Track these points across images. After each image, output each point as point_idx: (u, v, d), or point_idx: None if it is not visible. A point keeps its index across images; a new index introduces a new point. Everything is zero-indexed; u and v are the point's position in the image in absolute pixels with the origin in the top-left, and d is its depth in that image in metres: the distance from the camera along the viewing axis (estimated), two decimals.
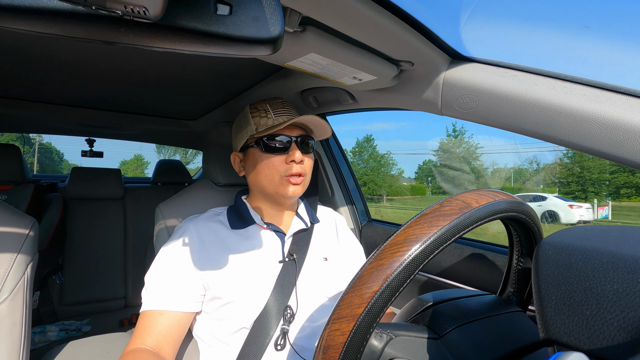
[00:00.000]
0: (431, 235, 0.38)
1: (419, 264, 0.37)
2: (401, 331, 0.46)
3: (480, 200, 0.42)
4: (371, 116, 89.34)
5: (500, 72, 0.68)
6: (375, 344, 0.44)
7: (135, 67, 1.12)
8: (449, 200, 0.42)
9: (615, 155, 0.56)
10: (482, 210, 0.41)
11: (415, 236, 0.38)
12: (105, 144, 25.68)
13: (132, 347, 0.73)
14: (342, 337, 0.37)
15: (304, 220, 0.94)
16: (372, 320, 0.37)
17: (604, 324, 0.32)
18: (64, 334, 1.81)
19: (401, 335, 0.45)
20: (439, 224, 0.39)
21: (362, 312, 0.37)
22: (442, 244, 0.39)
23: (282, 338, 0.78)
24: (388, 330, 0.45)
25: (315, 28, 0.64)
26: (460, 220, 0.39)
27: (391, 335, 0.45)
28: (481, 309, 0.54)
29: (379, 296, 0.37)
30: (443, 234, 0.38)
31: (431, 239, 0.38)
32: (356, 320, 0.37)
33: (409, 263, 0.37)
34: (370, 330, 0.37)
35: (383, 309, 0.37)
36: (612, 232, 0.39)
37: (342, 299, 0.39)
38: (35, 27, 0.31)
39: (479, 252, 1.01)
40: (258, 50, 0.38)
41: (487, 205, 0.42)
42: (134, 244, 2.27)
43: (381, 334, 0.44)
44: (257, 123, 0.85)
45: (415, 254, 0.37)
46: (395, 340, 0.44)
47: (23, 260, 0.79)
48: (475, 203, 0.42)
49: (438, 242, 0.38)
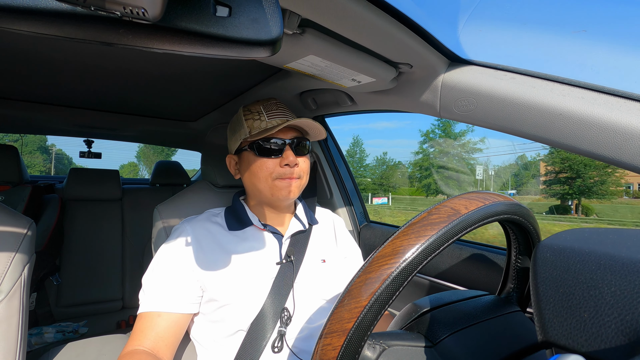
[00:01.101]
0: (419, 247, 0.38)
1: (408, 276, 0.37)
2: (394, 341, 0.46)
3: (470, 206, 0.42)
4: (374, 115, 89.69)
5: (498, 75, 0.68)
6: (369, 355, 0.43)
7: (134, 68, 1.12)
8: (437, 208, 0.42)
9: (613, 158, 0.56)
10: (472, 216, 0.41)
11: (403, 247, 0.38)
12: (106, 145, 25.60)
13: (129, 349, 0.73)
14: (334, 352, 0.37)
15: (302, 222, 0.94)
16: (362, 333, 0.37)
17: (602, 326, 0.32)
18: (60, 336, 1.80)
19: (394, 345, 0.45)
20: (426, 234, 0.39)
21: (352, 326, 0.37)
22: (431, 254, 0.38)
23: (279, 340, 0.78)
24: (381, 341, 0.45)
25: (314, 30, 0.64)
26: (449, 229, 0.39)
27: (384, 346, 0.44)
28: (478, 312, 0.54)
29: (368, 310, 0.37)
30: (431, 244, 0.38)
31: (419, 250, 0.38)
32: (347, 335, 0.37)
33: (397, 275, 0.37)
34: (361, 344, 0.38)
35: (373, 322, 0.37)
36: (610, 235, 0.39)
37: (333, 314, 0.39)
38: (33, 28, 0.31)
39: (478, 253, 1.01)
40: (257, 52, 0.38)
41: (477, 211, 0.42)
42: (132, 245, 2.26)
43: (374, 344, 0.44)
44: (250, 126, 0.84)
45: (403, 266, 0.37)
46: (388, 351, 0.44)
47: (20, 261, 0.79)
48: (464, 209, 0.41)
49: (426, 253, 0.38)
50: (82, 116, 1.71)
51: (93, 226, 2.16)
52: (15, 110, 1.56)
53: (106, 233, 2.19)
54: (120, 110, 1.73)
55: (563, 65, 0.63)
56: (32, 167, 43.44)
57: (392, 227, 1.41)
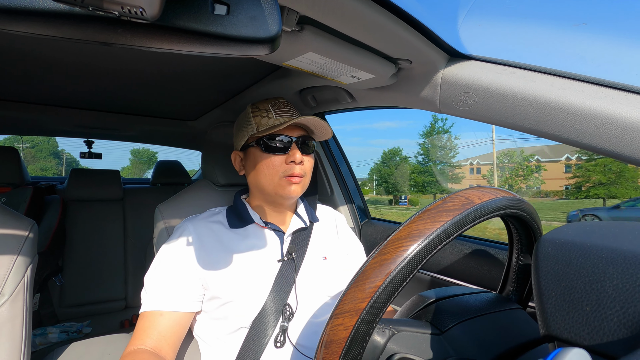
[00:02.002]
0: (434, 231, 0.38)
1: (422, 259, 0.37)
2: (403, 327, 0.46)
3: (483, 197, 0.42)
4: (377, 114, 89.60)
5: (498, 70, 0.68)
6: (378, 339, 0.44)
7: (133, 67, 1.12)
8: (452, 197, 0.42)
9: (614, 151, 0.56)
10: (485, 207, 0.41)
11: (419, 231, 0.38)
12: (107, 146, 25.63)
13: (132, 348, 0.73)
14: (345, 332, 0.37)
15: (303, 220, 0.94)
16: (375, 315, 0.37)
17: (604, 319, 0.32)
18: (64, 336, 1.81)
19: (403, 331, 0.45)
20: (441, 220, 0.39)
21: (366, 306, 0.37)
22: (445, 240, 0.39)
23: (281, 335, 0.78)
24: (390, 326, 0.45)
25: (313, 27, 0.64)
26: (463, 216, 0.40)
27: (394, 330, 0.45)
28: (482, 305, 0.54)
29: (382, 291, 0.37)
30: (446, 230, 0.38)
31: (434, 234, 0.38)
32: (359, 315, 0.37)
33: (412, 258, 0.37)
34: (373, 325, 0.37)
35: (386, 303, 0.37)
36: (612, 228, 0.39)
37: (346, 294, 0.39)
38: (32, 29, 0.31)
39: (480, 249, 1.01)
40: (256, 49, 0.38)
41: (489, 202, 0.42)
42: (134, 245, 2.27)
43: (384, 329, 0.45)
44: (258, 122, 0.85)
45: (418, 250, 0.37)
46: (397, 336, 0.45)
47: (23, 262, 0.79)
48: (478, 199, 0.42)
49: (441, 238, 0.38)
50: (82, 116, 1.71)
51: (95, 226, 2.17)
52: (15, 112, 1.56)
53: (108, 233, 2.20)
54: (120, 110, 1.73)
55: (564, 59, 0.63)
56: (47, 170, 50.79)
57: (394, 224, 1.41)
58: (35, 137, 49.96)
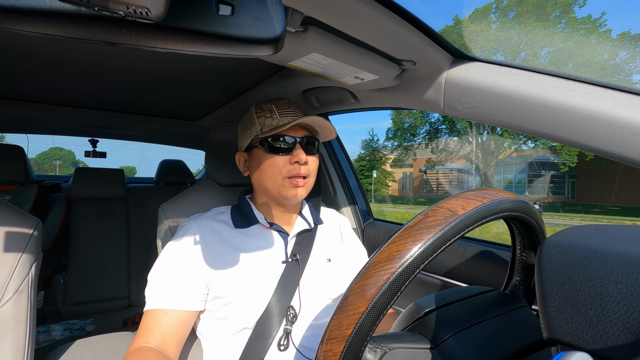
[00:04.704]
0: (415, 251, 0.37)
1: (405, 281, 0.37)
2: (395, 343, 0.45)
3: (467, 206, 0.41)
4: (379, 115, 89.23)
5: (503, 71, 0.68)
6: (370, 358, 0.43)
7: (138, 67, 1.12)
8: (434, 210, 0.41)
9: (620, 154, 0.56)
10: (470, 217, 0.40)
11: (399, 252, 0.38)
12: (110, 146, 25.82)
13: (136, 346, 0.74)
14: (334, 358, 0.38)
15: (308, 221, 0.94)
16: (362, 339, 0.37)
17: (608, 323, 0.32)
18: (68, 334, 1.82)
19: (395, 348, 0.45)
20: (422, 238, 0.38)
21: (351, 333, 0.37)
22: (428, 258, 0.38)
23: (285, 338, 0.78)
24: (382, 344, 0.44)
25: (317, 28, 0.64)
26: (446, 231, 0.38)
27: (385, 349, 0.44)
28: (481, 310, 0.53)
29: (366, 316, 0.37)
30: (427, 248, 0.38)
31: (415, 254, 0.37)
32: (346, 341, 0.37)
33: (393, 281, 0.37)
34: (361, 349, 0.38)
35: (372, 327, 0.37)
36: (616, 232, 0.39)
37: (332, 320, 0.39)
38: (37, 28, 0.31)
39: (483, 250, 1.01)
40: (260, 50, 0.38)
41: (475, 210, 0.41)
42: (138, 243, 2.28)
43: (375, 348, 0.44)
44: (262, 123, 0.85)
45: (399, 272, 0.37)
46: (389, 354, 0.44)
47: (27, 259, 0.80)
48: (462, 210, 0.40)
49: (423, 257, 0.38)
50: (87, 116, 1.72)
51: (99, 225, 2.18)
52: (19, 110, 1.57)
53: (112, 231, 2.21)
54: (124, 109, 1.74)
55: (571, 59, 0.62)
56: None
57: (396, 225, 1.41)
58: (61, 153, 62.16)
